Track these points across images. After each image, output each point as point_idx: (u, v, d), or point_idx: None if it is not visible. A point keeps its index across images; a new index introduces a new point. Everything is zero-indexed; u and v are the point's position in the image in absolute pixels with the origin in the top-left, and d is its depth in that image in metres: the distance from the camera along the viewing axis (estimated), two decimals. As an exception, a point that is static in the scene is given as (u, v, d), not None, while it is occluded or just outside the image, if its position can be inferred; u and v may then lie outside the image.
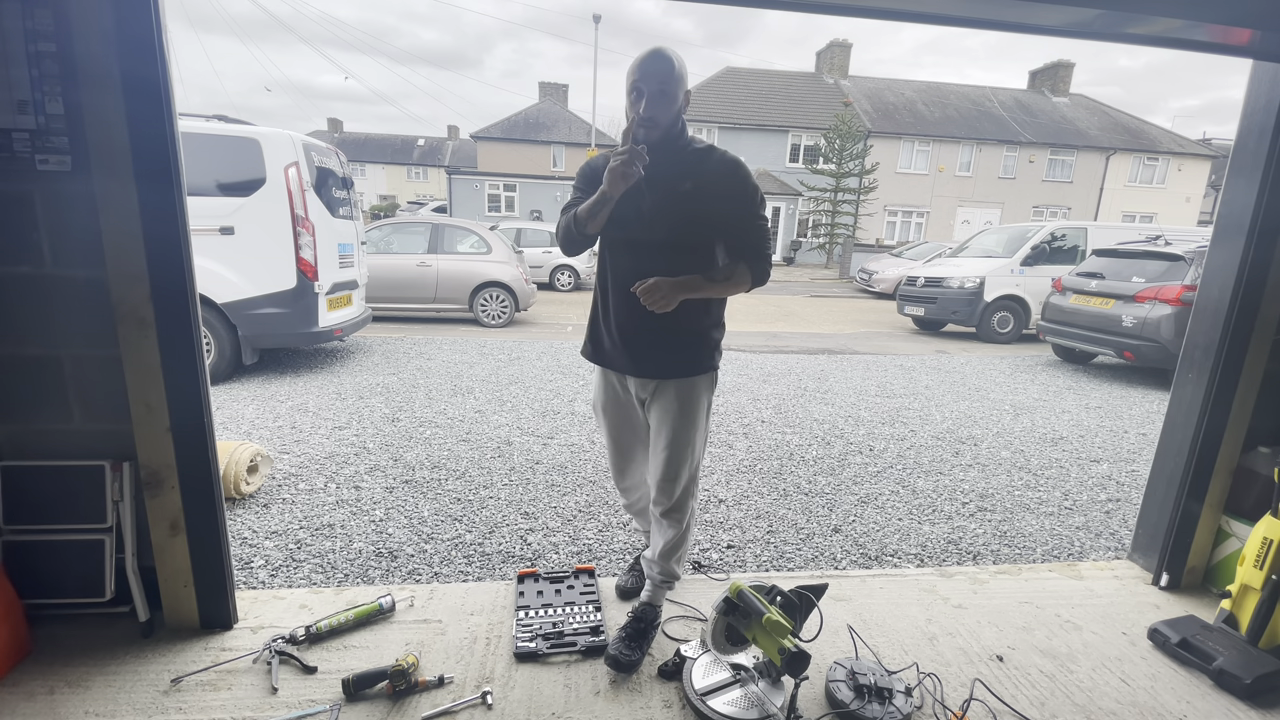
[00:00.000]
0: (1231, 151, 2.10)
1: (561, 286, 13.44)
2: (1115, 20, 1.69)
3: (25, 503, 1.74)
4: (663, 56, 1.55)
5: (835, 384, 5.71)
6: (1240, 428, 2.18)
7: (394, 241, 8.47)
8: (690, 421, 1.74)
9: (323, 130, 47.26)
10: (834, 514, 3.01)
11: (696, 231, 1.67)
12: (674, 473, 1.76)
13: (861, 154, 23.98)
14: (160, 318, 1.64)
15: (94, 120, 1.52)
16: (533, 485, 3.20)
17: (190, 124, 4.75)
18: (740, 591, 1.56)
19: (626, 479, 2.00)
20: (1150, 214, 27.15)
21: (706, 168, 1.65)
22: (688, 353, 1.73)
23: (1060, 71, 29.63)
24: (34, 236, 1.60)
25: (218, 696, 1.59)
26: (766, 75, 28.65)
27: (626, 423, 1.88)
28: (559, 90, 33.49)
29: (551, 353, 6.59)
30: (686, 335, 1.72)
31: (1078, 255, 8.60)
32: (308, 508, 2.85)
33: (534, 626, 1.88)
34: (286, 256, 4.85)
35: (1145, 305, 5.96)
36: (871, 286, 15.60)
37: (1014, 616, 2.08)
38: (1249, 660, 1.77)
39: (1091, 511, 3.16)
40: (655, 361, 1.72)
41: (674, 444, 1.74)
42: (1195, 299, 2.22)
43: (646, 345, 1.71)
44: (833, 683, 1.67)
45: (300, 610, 1.96)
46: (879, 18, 1.79)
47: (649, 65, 1.54)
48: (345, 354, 6.13)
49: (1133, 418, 4.96)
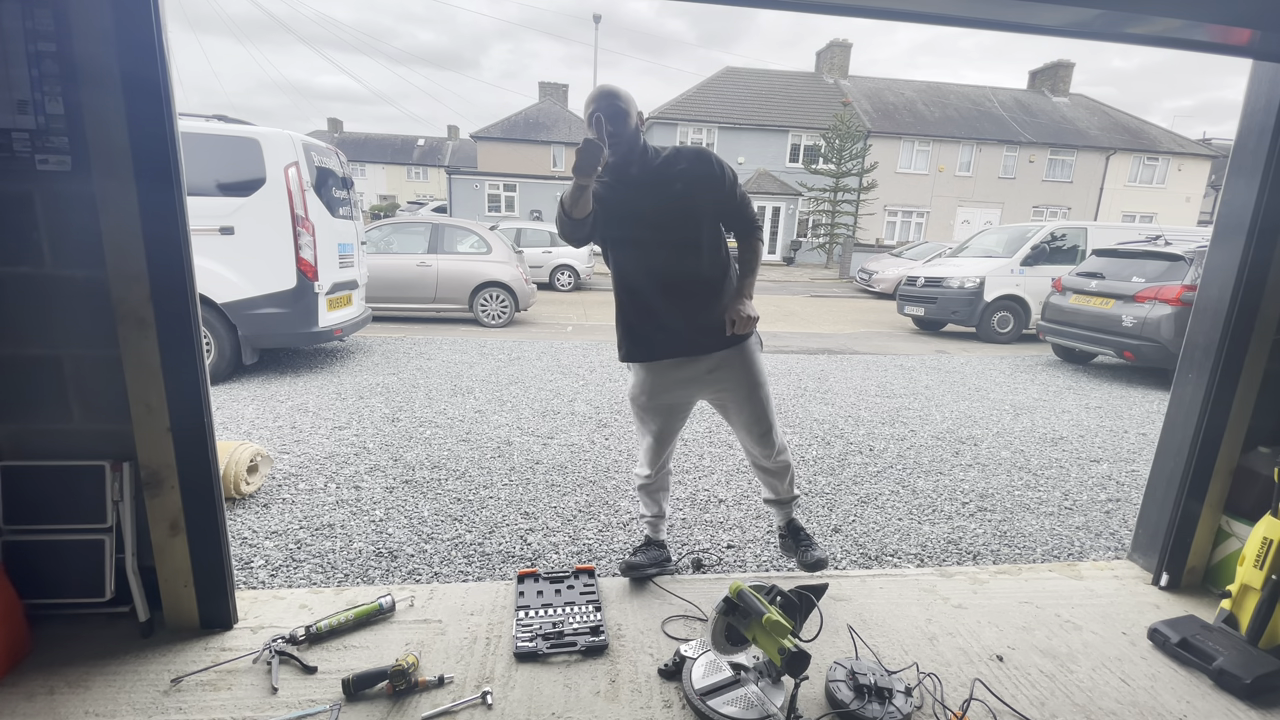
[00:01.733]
0: (1231, 151, 2.09)
1: (561, 286, 13.44)
2: (1115, 20, 1.69)
3: (25, 503, 1.74)
4: (609, 88, 1.86)
5: (835, 384, 5.71)
6: (1240, 428, 2.18)
7: (394, 241, 8.48)
8: (760, 375, 2.08)
9: (322, 130, 47.26)
10: (834, 514, 3.01)
11: (699, 222, 1.93)
12: (768, 421, 2.11)
13: (861, 154, 23.99)
14: (160, 318, 1.64)
15: (94, 120, 1.52)
16: (533, 485, 3.20)
17: (190, 124, 4.75)
18: (740, 591, 1.57)
19: (659, 462, 2.21)
20: (1150, 214, 27.15)
21: (684, 166, 1.92)
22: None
23: (1060, 71, 29.63)
24: (34, 236, 1.60)
25: (218, 696, 1.59)
26: (766, 75, 28.64)
27: (677, 410, 2.12)
28: (559, 90, 33.47)
29: (551, 353, 6.59)
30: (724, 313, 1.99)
31: (1078, 255, 8.60)
32: (308, 508, 2.85)
33: (534, 626, 1.88)
34: (286, 256, 4.85)
35: (1145, 305, 5.96)
36: (871, 286, 15.60)
37: (1014, 616, 2.08)
38: (1249, 660, 1.77)
39: (1091, 511, 3.17)
40: (717, 336, 1.98)
41: (755, 398, 2.06)
42: (1195, 299, 2.22)
43: (703, 326, 1.97)
44: (833, 683, 1.67)
45: (300, 610, 1.96)
46: (878, 18, 1.79)
47: (599, 96, 1.84)
48: (345, 354, 6.13)
49: (1133, 418, 4.96)
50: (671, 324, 1.97)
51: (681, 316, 1.96)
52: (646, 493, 2.28)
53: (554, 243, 13.53)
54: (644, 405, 2.10)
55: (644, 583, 2.19)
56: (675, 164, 1.92)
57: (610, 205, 1.92)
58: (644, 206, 1.89)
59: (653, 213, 1.88)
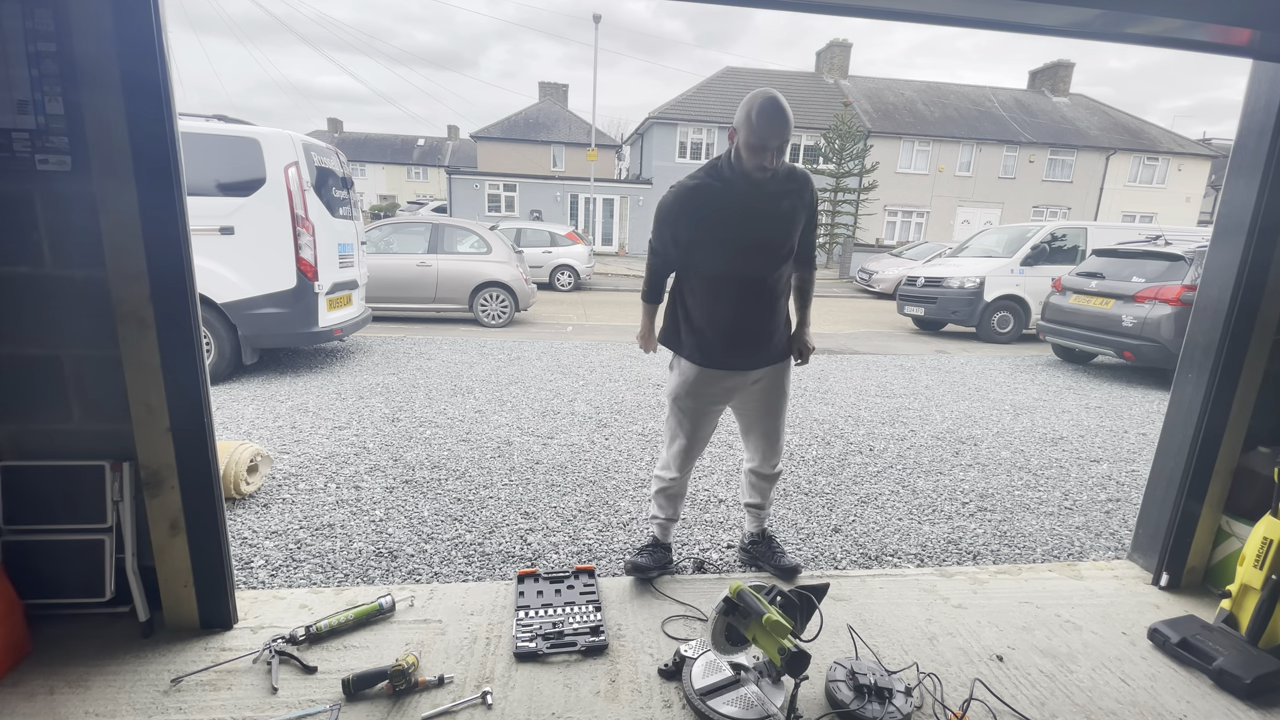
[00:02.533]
0: (1231, 151, 2.10)
1: (561, 286, 13.44)
2: (1115, 20, 1.69)
3: (25, 503, 1.74)
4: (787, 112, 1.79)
5: (835, 384, 5.71)
6: (1240, 428, 2.18)
7: (394, 241, 8.48)
8: (787, 392, 2.21)
9: (322, 130, 47.26)
10: (834, 514, 3.01)
11: (792, 243, 2.02)
12: (780, 432, 2.23)
13: (861, 154, 23.97)
14: (160, 318, 1.64)
15: (94, 120, 1.52)
16: (533, 485, 3.20)
17: (190, 124, 4.74)
18: (740, 591, 1.57)
19: (689, 466, 2.23)
20: (1150, 214, 27.14)
21: (794, 186, 1.99)
22: (785, 342, 2.16)
23: (1060, 71, 29.62)
24: (34, 236, 1.60)
25: (218, 696, 1.59)
26: (766, 75, 28.64)
27: (713, 416, 2.18)
28: (559, 90, 33.46)
29: (551, 353, 6.59)
30: (783, 329, 2.14)
31: (1078, 255, 8.60)
32: (308, 508, 2.85)
33: (534, 626, 1.88)
34: (286, 256, 4.85)
35: (1145, 305, 5.96)
36: (871, 286, 15.60)
37: (1014, 616, 2.08)
38: (1249, 660, 1.77)
39: (1091, 511, 3.16)
40: (770, 352, 2.11)
41: (779, 411, 2.19)
42: (1195, 299, 2.22)
43: (767, 340, 2.09)
44: (833, 683, 1.67)
45: (300, 610, 1.96)
46: (878, 18, 1.79)
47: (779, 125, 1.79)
48: (345, 354, 6.13)
49: (1133, 418, 4.96)
50: (745, 335, 2.04)
51: (755, 329, 2.05)
52: (666, 496, 2.28)
53: (554, 243, 13.54)
54: (686, 408, 2.13)
55: (645, 583, 2.19)
56: (789, 182, 1.97)
57: (724, 201, 1.92)
58: (756, 214, 1.93)
59: (761, 223, 1.94)
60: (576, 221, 25.27)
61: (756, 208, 1.93)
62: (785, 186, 1.97)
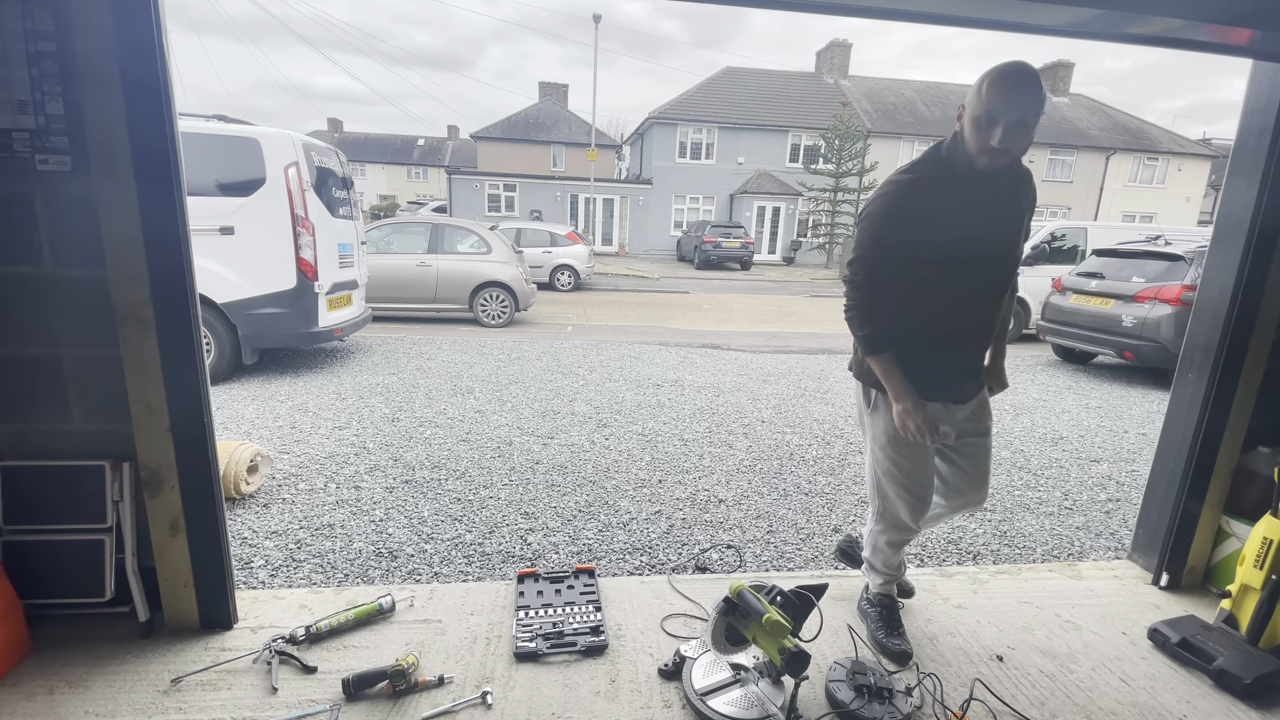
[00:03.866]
0: (1231, 151, 2.09)
1: (561, 286, 13.44)
2: (1115, 20, 1.69)
3: (25, 503, 1.74)
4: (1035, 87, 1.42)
5: (835, 384, 5.71)
6: (1240, 428, 2.18)
7: (394, 241, 8.48)
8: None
9: (322, 130, 47.25)
10: (834, 514, 3.01)
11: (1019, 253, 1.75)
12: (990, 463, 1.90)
13: (861, 154, 23.97)
14: (160, 318, 1.64)
15: (94, 120, 1.52)
16: (533, 485, 3.20)
17: (190, 124, 4.75)
18: (740, 591, 1.57)
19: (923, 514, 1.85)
20: (1150, 214, 27.14)
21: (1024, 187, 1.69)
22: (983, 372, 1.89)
23: (1060, 71, 29.60)
24: (34, 236, 1.60)
25: (218, 696, 1.59)
26: (766, 75, 28.63)
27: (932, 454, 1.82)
28: (559, 90, 33.46)
29: (551, 353, 6.59)
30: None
31: (1078, 255, 8.59)
32: (308, 508, 2.85)
33: (534, 626, 1.88)
34: (286, 256, 4.85)
35: (1145, 305, 5.96)
36: (871, 286, 15.55)
37: (1014, 616, 2.08)
38: (1249, 660, 1.77)
39: (1091, 511, 3.16)
40: (980, 382, 1.86)
41: (988, 443, 1.87)
42: (1195, 299, 2.22)
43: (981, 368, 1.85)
44: (833, 683, 1.67)
45: (300, 610, 1.96)
46: (877, 17, 1.79)
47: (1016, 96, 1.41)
48: (345, 354, 6.13)
49: (1133, 418, 4.96)
50: (970, 363, 1.77)
51: (979, 355, 1.79)
52: (895, 549, 1.91)
53: (554, 243, 13.54)
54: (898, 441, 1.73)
55: (645, 583, 2.19)
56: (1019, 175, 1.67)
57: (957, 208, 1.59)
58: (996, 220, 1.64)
59: (999, 231, 1.65)
60: (576, 221, 25.27)
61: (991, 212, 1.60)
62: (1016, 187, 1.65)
